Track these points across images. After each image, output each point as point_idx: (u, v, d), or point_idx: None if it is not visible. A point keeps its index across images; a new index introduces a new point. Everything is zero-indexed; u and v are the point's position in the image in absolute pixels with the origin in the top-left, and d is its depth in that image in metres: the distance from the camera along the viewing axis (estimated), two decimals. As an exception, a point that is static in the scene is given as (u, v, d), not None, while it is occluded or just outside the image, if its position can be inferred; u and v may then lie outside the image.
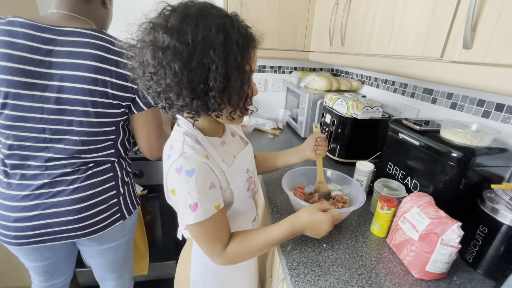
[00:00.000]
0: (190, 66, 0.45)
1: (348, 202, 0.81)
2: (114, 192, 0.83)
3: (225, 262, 0.60)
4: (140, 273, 1.39)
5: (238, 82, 0.50)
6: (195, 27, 0.45)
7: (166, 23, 0.46)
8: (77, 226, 0.77)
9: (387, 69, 0.79)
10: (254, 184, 0.74)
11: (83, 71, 0.69)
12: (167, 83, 0.47)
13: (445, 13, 0.57)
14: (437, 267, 0.61)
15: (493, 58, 0.47)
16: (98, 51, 0.71)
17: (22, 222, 0.73)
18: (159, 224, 1.44)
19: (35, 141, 0.72)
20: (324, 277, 0.62)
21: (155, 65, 0.47)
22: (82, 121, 0.73)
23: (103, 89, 0.72)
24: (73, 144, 0.74)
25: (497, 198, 0.63)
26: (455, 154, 0.68)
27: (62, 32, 0.70)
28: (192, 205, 0.53)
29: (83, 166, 0.77)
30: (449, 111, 0.96)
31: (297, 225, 0.62)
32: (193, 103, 0.49)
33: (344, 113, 1.13)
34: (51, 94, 0.69)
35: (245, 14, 1.37)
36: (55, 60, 0.69)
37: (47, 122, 0.71)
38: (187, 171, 0.52)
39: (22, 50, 0.66)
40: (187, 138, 0.57)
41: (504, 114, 0.77)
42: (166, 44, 0.45)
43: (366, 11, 0.88)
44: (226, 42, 0.46)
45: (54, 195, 0.74)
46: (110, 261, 0.95)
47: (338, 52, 1.11)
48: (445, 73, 0.58)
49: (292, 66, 1.89)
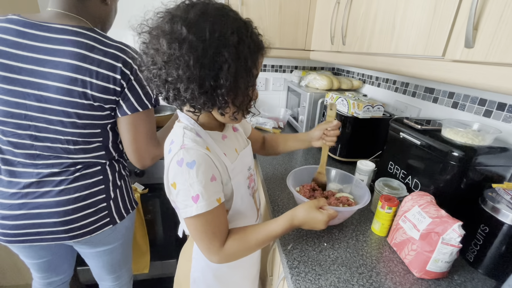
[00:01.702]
0: (203, 62, 0.47)
1: (353, 204, 0.80)
2: (103, 196, 0.80)
3: (223, 259, 0.59)
4: (141, 272, 1.40)
5: (245, 84, 0.52)
6: (212, 25, 0.47)
7: (186, 16, 0.47)
8: (62, 229, 0.75)
9: (388, 68, 0.79)
10: (254, 182, 0.75)
11: (63, 69, 0.67)
12: (178, 74, 0.48)
13: (447, 12, 0.57)
14: (438, 266, 0.61)
15: (495, 57, 0.47)
16: (79, 49, 0.67)
17: (8, 220, 0.72)
18: (160, 223, 1.45)
19: (21, 137, 0.70)
20: (325, 276, 0.62)
21: (170, 54, 0.48)
22: (64, 121, 0.70)
23: (82, 89, 0.68)
24: (59, 142, 0.72)
25: (498, 197, 0.63)
26: (457, 154, 0.68)
27: (49, 28, 0.68)
28: (194, 196, 0.53)
29: (71, 167, 0.75)
30: (450, 110, 0.95)
31: (295, 221, 0.63)
32: (200, 98, 0.50)
33: (345, 112, 1.13)
34: (33, 91, 0.67)
35: (245, 13, 1.37)
36: (37, 56, 0.67)
37: (32, 119, 0.69)
38: (188, 163, 0.53)
39: (5, 45, 0.65)
40: (187, 132, 0.58)
41: (506, 113, 0.77)
42: (184, 36, 0.46)
43: (368, 9, 0.88)
44: (239, 45, 0.49)
45: (40, 195, 0.73)
46: (105, 263, 0.94)
47: (339, 51, 1.11)
48: (446, 72, 0.58)
49: (293, 65, 1.88)
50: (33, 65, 0.67)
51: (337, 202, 0.81)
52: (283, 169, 1.13)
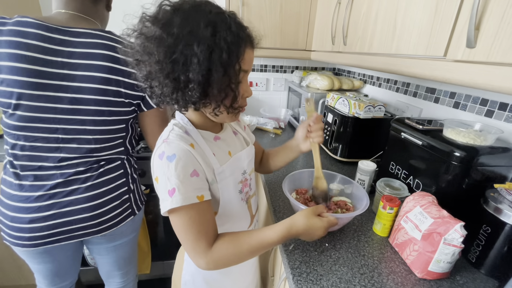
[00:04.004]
0: (173, 57, 0.47)
1: (351, 209, 0.79)
2: (126, 189, 0.85)
3: (210, 263, 0.54)
4: (142, 272, 1.40)
5: (222, 79, 0.50)
6: (183, 20, 0.47)
7: (157, 15, 0.48)
8: (93, 223, 0.78)
9: (389, 68, 0.79)
10: (250, 188, 0.71)
11: (97, 71, 0.71)
12: (148, 70, 0.50)
13: (448, 12, 0.57)
14: (440, 266, 0.61)
15: (497, 57, 0.46)
16: (110, 52, 0.73)
17: (38, 223, 0.73)
18: (161, 223, 1.45)
19: (46, 141, 0.72)
20: (326, 277, 0.62)
21: (140, 53, 0.49)
22: (96, 120, 0.74)
23: (116, 88, 0.74)
24: (86, 143, 0.75)
25: (500, 197, 0.62)
26: (458, 154, 0.67)
27: (73, 33, 0.71)
28: (170, 190, 0.52)
29: (95, 164, 0.78)
30: (452, 110, 0.95)
31: (294, 230, 0.59)
32: (173, 94, 0.50)
33: (346, 112, 1.13)
34: (65, 94, 0.70)
35: (247, 13, 1.37)
36: (67, 60, 0.70)
37: (60, 122, 0.72)
38: (168, 156, 0.53)
39: (34, 51, 0.67)
40: (175, 128, 0.58)
41: (508, 113, 0.77)
42: (153, 33, 0.47)
43: (369, 9, 0.88)
44: (214, 38, 0.47)
45: (68, 193, 0.75)
46: (118, 258, 0.97)
47: (340, 51, 1.11)
48: (448, 72, 0.58)
49: (294, 65, 1.88)
50: (65, 69, 0.70)
51: (335, 207, 0.80)
52: (285, 171, 1.13)
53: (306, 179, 0.89)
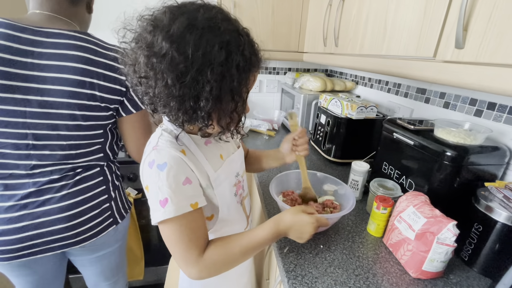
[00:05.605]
0: (184, 81, 0.43)
1: (338, 207, 0.80)
2: (106, 197, 0.80)
3: (203, 271, 0.53)
4: (135, 278, 1.37)
5: (230, 105, 0.48)
6: (198, 39, 0.42)
7: (169, 28, 0.42)
8: (69, 234, 0.74)
9: (380, 69, 0.80)
10: (243, 189, 0.71)
11: (69, 73, 0.66)
12: (155, 93, 0.46)
13: (437, 13, 0.58)
14: (434, 266, 0.61)
15: (485, 57, 0.47)
16: (85, 53, 0.68)
17: (8, 235, 0.69)
18: (154, 228, 1.42)
19: (16, 148, 0.67)
20: (322, 279, 0.61)
21: (146, 71, 0.44)
22: (69, 125, 0.69)
23: (91, 91, 0.69)
24: (59, 149, 0.70)
25: (491, 196, 0.63)
26: (449, 153, 0.68)
27: (46, 33, 0.67)
28: (162, 200, 0.49)
29: (70, 171, 0.73)
30: (442, 110, 0.97)
31: (281, 226, 0.58)
32: (179, 116, 0.47)
33: (339, 113, 1.14)
34: (34, 97, 0.66)
35: (239, 15, 1.35)
36: (37, 61, 0.65)
37: (31, 126, 0.67)
38: (158, 165, 0.50)
39: (1, 51, 0.62)
40: (164, 133, 0.55)
41: (496, 112, 0.78)
42: (164, 51, 0.42)
43: (359, 11, 0.89)
44: (226, 63, 0.44)
45: (41, 203, 0.70)
46: (103, 269, 0.92)
47: (332, 52, 1.12)
48: (438, 73, 0.58)
49: (287, 67, 1.89)
50: (35, 71, 0.65)
51: (322, 206, 0.80)
52: (278, 171, 1.13)
53: (292, 180, 0.90)
